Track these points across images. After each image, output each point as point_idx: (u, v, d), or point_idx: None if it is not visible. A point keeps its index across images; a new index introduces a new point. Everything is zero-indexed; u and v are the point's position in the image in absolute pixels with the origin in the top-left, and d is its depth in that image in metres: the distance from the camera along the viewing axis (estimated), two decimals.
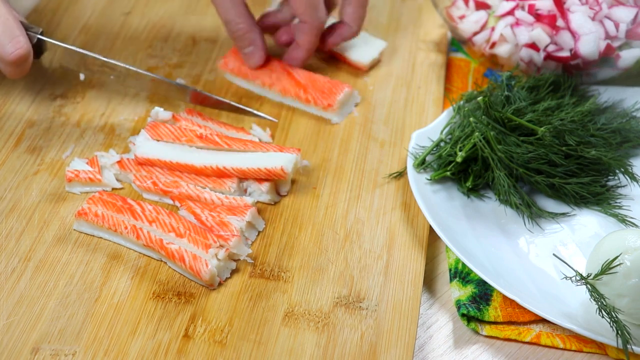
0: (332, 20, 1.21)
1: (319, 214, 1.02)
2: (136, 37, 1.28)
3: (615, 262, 0.87)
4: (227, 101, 1.14)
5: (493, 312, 0.93)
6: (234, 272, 0.95)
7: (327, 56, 1.24)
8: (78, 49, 1.11)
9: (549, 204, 1.04)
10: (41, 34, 1.09)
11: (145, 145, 1.05)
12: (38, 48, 1.10)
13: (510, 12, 1.15)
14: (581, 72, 1.15)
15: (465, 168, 1.04)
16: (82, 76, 1.16)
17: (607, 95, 1.14)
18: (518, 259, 0.98)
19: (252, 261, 0.97)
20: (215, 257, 0.93)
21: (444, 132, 1.08)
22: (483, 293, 0.95)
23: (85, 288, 0.93)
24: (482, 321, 0.93)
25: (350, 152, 1.10)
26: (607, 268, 0.87)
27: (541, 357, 0.91)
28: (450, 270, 0.98)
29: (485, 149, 1.01)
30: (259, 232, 1.00)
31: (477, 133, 1.02)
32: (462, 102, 1.10)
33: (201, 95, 1.14)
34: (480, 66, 1.25)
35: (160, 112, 1.09)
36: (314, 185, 1.06)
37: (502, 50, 1.16)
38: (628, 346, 0.86)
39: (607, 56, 1.13)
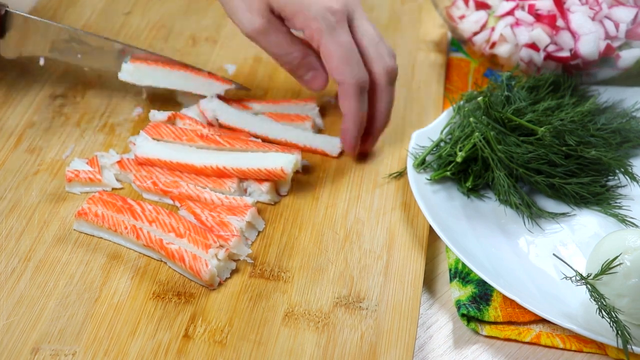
0: None
1: (318, 214, 1.02)
2: (136, 37, 1.28)
3: (615, 262, 0.87)
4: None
5: (493, 312, 0.93)
6: (234, 272, 0.95)
7: None
8: (44, 20, 1.09)
9: (549, 204, 1.04)
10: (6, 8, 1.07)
11: (145, 145, 1.05)
12: (1, 26, 1.07)
13: (510, 12, 1.15)
14: (581, 72, 1.15)
15: (465, 168, 1.04)
16: (42, 61, 1.14)
17: (607, 95, 1.15)
18: (518, 259, 0.98)
19: (252, 261, 0.97)
20: (215, 257, 0.93)
21: (444, 132, 1.08)
22: (483, 293, 0.95)
23: (85, 288, 0.93)
24: (482, 321, 0.93)
25: None
26: (607, 268, 0.87)
27: (541, 357, 0.91)
28: (450, 270, 0.98)
29: (485, 149, 1.01)
30: (259, 232, 1.00)
31: (477, 133, 1.02)
32: (462, 102, 1.10)
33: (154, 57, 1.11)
34: (480, 66, 1.25)
35: (156, 114, 1.09)
36: (314, 185, 1.06)
37: (502, 50, 1.16)
38: (628, 346, 0.86)
39: (607, 56, 1.13)
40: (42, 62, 1.14)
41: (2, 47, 1.10)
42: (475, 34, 1.18)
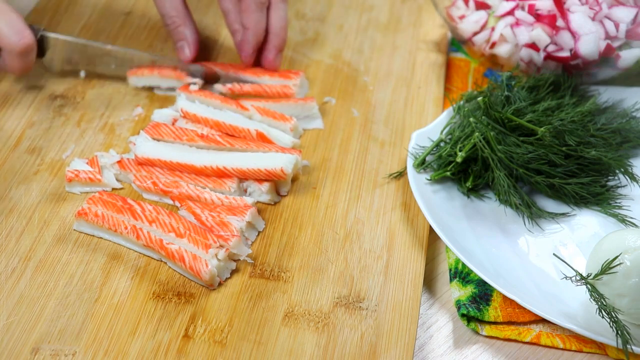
0: None
1: (319, 214, 1.02)
2: (136, 37, 1.28)
3: (615, 262, 0.87)
4: (231, 74, 1.17)
5: (493, 312, 0.93)
6: (234, 272, 0.95)
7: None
8: (81, 40, 1.16)
9: (549, 204, 1.04)
10: (43, 31, 1.14)
11: (145, 145, 1.05)
12: (40, 46, 1.14)
13: (510, 12, 1.15)
14: (581, 72, 1.15)
15: (465, 168, 1.04)
16: (82, 74, 1.19)
17: (607, 95, 1.15)
18: (518, 259, 0.98)
19: (252, 261, 0.97)
20: (215, 257, 0.93)
21: (444, 132, 1.08)
22: (483, 293, 0.95)
23: (85, 288, 0.93)
24: (482, 321, 0.93)
25: (350, 152, 1.10)
26: (607, 268, 0.87)
27: (541, 357, 0.91)
28: (450, 270, 0.98)
29: (485, 149, 1.01)
30: (259, 232, 1.00)
31: (477, 133, 1.02)
32: (462, 102, 1.10)
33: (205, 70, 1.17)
34: (480, 66, 1.25)
35: (159, 114, 1.09)
36: (314, 185, 1.06)
37: (502, 50, 1.16)
38: (628, 346, 0.86)
39: (607, 56, 1.13)
40: (82, 75, 1.20)
41: (45, 64, 1.18)
42: (475, 34, 1.18)
